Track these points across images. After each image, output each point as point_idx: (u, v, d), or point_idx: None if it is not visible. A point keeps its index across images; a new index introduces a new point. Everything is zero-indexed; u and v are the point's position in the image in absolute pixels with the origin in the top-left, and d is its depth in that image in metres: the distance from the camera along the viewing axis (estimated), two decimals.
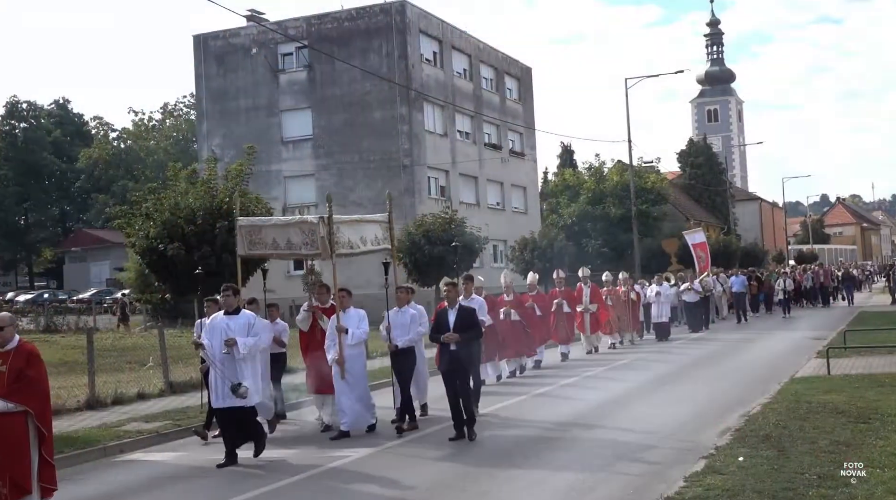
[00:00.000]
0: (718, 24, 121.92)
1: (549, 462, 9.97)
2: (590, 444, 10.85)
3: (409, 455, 10.80)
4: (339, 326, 11.88)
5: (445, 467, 10.15)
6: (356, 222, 13.22)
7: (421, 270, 28.56)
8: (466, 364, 11.37)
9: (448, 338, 11.24)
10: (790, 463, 8.50)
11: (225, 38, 42.73)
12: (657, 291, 25.96)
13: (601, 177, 51.50)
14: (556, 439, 11.32)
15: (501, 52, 49.24)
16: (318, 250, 12.06)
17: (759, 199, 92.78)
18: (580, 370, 18.28)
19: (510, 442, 11.28)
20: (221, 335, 10.60)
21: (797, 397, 12.32)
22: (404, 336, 12.19)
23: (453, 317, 11.39)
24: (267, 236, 12.61)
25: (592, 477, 9.14)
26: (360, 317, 12.13)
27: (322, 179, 40.71)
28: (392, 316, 12.35)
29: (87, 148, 63.73)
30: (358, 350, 12.15)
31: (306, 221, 12.37)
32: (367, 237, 12.91)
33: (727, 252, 55.94)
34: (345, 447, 11.23)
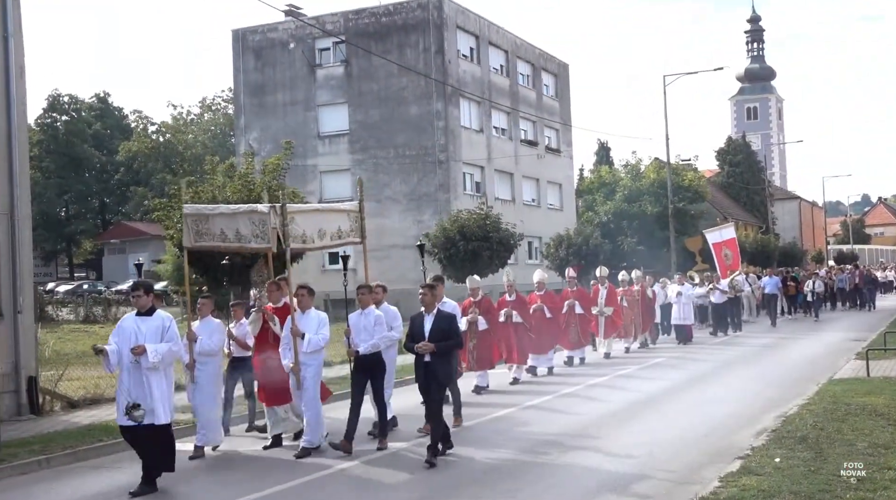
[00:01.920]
0: (759, 21, 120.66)
1: (578, 461, 9.93)
2: (622, 443, 10.74)
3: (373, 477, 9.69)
4: (294, 328, 10.63)
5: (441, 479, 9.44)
6: (315, 213, 11.90)
7: (456, 265, 28.56)
8: (442, 377, 10.20)
9: (422, 348, 10.05)
10: (827, 465, 8.40)
11: (263, 33, 43.06)
12: (678, 291, 24.70)
13: (638, 174, 51.10)
14: (589, 437, 11.22)
15: (538, 49, 49.17)
16: (269, 243, 10.76)
17: (799, 198, 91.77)
18: (609, 370, 17.98)
19: (537, 441, 11.10)
20: (130, 340, 9.22)
21: (835, 399, 12.21)
22: (367, 341, 10.81)
23: (429, 324, 10.20)
24: (214, 226, 11.23)
25: (625, 477, 9.08)
26: (320, 321, 10.85)
27: (358, 174, 40.71)
28: (353, 319, 11.04)
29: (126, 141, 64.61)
30: (314, 359, 10.84)
31: (256, 211, 10.98)
32: (326, 231, 11.40)
33: (765, 252, 55.43)
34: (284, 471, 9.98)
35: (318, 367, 10.93)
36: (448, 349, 10.25)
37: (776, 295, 31.14)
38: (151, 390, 9.13)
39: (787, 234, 78.31)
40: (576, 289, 19.81)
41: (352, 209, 11.96)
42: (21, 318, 14.23)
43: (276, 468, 10.23)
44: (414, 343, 10.16)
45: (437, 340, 10.05)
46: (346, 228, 11.68)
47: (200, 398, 11.12)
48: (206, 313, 11.50)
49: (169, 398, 9.37)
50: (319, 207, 12.89)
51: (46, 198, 62.98)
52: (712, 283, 27.09)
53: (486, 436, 11.61)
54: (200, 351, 11.07)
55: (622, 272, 23.62)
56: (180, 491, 9.43)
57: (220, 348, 11.38)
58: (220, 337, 11.31)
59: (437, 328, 10.13)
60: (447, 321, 10.32)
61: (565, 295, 19.55)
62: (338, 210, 12.13)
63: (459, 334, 10.71)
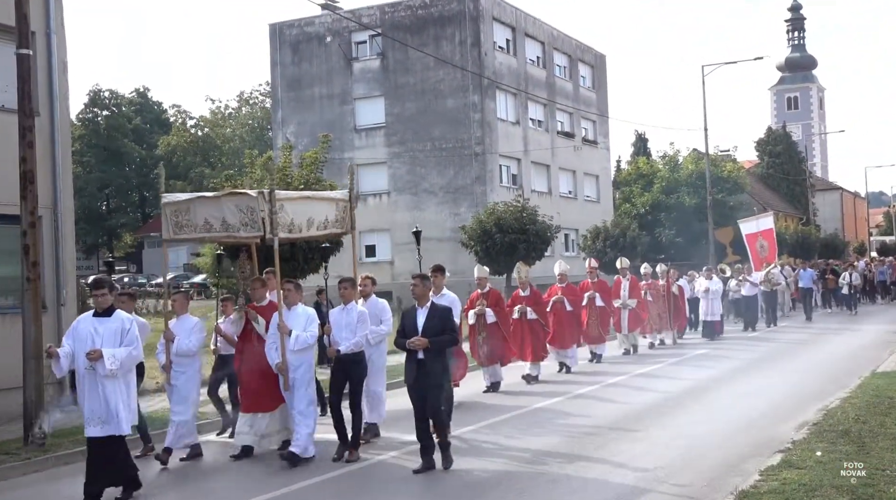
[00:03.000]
0: (800, 10, 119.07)
1: (621, 452, 9.91)
2: (663, 436, 10.73)
3: None
4: (281, 324, 10.05)
5: None
6: (305, 201, 11.17)
7: (492, 258, 28.53)
8: (438, 377, 9.37)
9: (415, 344, 9.25)
10: (870, 459, 8.35)
11: (300, 27, 43.25)
12: (706, 286, 23.92)
13: (676, 166, 50.90)
14: (628, 430, 11.19)
15: (575, 40, 48.98)
16: (260, 231, 10.14)
17: (841, 188, 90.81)
18: (633, 367, 17.61)
19: (577, 433, 11.12)
20: (86, 343, 8.46)
21: (878, 392, 12.12)
22: (349, 340, 10.21)
23: (423, 318, 9.42)
24: (197, 216, 10.48)
25: (666, 468, 9.09)
26: (308, 317, 10.32)
27: (394, 167, 41.10)
28: (335, 315, 10.48)
29: (165, 135, 65.42)
30: (304, 357, 10.26)
31: (243, 196, 10.32)
32: (315, 219, 10.91)
33: (806, 244, 54.89)
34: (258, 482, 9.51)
35: (308, 366, 10.33)
36: (442, 345, 9.43)
37: (811, 288, 30.51)
38: (107, 398, 8.39)
39: (828, 225, 77.48)
40: (596, 281, 19.17)
41: (341, 198, 11.52)
42: (64, 310, 14.46)
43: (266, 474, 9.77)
44: (405, 339, 9.37)
45: (430, 335, 9.28)
46: (333, 217, 11.21)
47: (176, 400, 10.53)
48: (182, 311, 10.82)
49: (128, 407, 8.60)
50: (309, 194, 11.96)
51: (88, 192, 63.94)
52: (742, 274, 26.38)
53: (526, 426, 11.72)
54: (177, 352, 10.47)
55: (644, 264, 23.00)
56: None
57: (199, 349, 10.65)
58: (199, 336, 10.60)
59: (430, 323, 9.38)
60: (442, 315, 9.53)
61: (585, 287, 18.95)
62: (328, 198, 11.63)
63: (456, 330, 10.00)
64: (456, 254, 34.64)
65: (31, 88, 12.03)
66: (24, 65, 11.80)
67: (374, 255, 40.87)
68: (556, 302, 17.27)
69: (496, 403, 13.78)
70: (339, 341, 10.21)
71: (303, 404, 10.16)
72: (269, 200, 9.99)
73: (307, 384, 10.28)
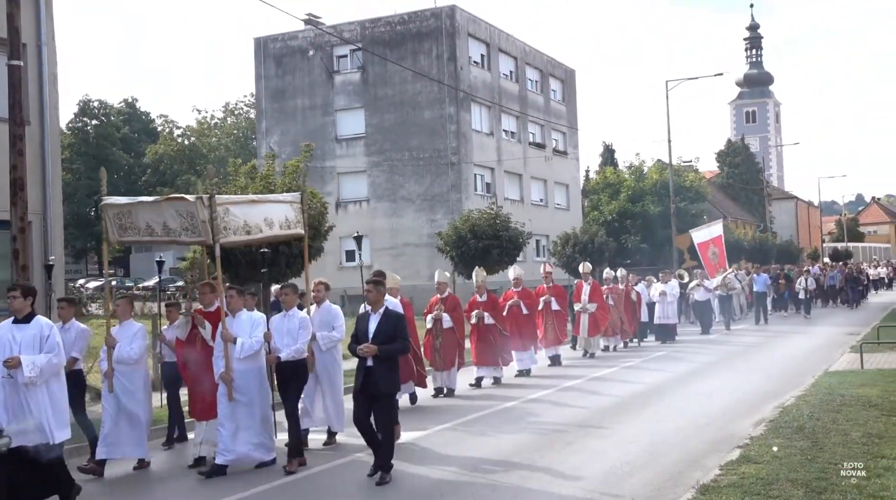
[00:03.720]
0: (758, 29, 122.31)
1: (585, 449, 10.14)
2: (629, 433, 10.92)
3: None
4: (225, 333, 9.61)
5: None
6: (255, 203, 10.83)
7: (467, 263, 28.48)
8: (384, 385, 9.00)
9: (363, 350, 8.96)
10: (823, 454, 8.59)
11: (284, 41, 44.13)
12: (662, 290, 23.80)
13: (641, 175, 52.36)
14: (594, 427, 11.41)
15: (546, 55, 50.20)
16: (201, 236, 9.72)
17: (796, 198, 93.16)
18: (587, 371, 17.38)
19: (544, 430, 11.27)
20: (4, 351, 8.06)
21: (831, 390, 12.39)
22: (290, 346, 9.96)
23: (374, 324, 9.12)
24: (139, 220, 10.08)
25: (632, 464, 9.30)
26: (253, 322, 9.83)
27: (374, 176, 42.19)
28: (276, 322, 10.20)
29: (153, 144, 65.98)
30: (252, 365, 9.73)
31: (181, 201, 9.87)
32: (274, 219, 10.66)
33: (763, 250, 56.79)
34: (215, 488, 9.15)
35: (257, 374, 9.83)
36: (392, 353, 9.12)
37: (765, 293, 30.50)
38: (30, 406, 8.01)
39: (784, 232, 79.80)
40: (551, 285, 18.89)
41: (293, 201, 11.24)
42: (53, 313, 14.01)
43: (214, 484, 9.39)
44: (357, 344, 9.11)
45: (381, 342, 9.01)
46: (293, 217, 11.07)
47: (111, 410, 9.96)
48: (125, 316, 10.35)
49: (57, 414, 8.17)
50: (255, 197, 11.45)
51: (77, 198, 64.26)
52: (698, 280, 26.60)
53: (498, 424, 11.96)
54: (118, 359, 9.98)
55: (607, 269, 22.92)
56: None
57: (142, 356, 10.15)
58: (141, 343, 10.09)
59: (382, 329, 9.07)
60: (394, 322, 9.20)
61: (540, 292, 18.70)
62: (278, 201, 11.27)
63: (407, 337, 9.54)
64: (432, 259, 35.85)
65: (21, 98, 11.94)
66: (15, 76, 11.70)
67: (355, 260, 41.94)
68: (513, 306, 17.11)
69: (467, 403, 13.85)
70: (280, 348, 9.96)
71: (251, 417, 9.71)
72: (209, 205, 9.56)
73: (257, 396, 9.81)
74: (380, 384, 8.94)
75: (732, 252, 50.04)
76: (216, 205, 9.62)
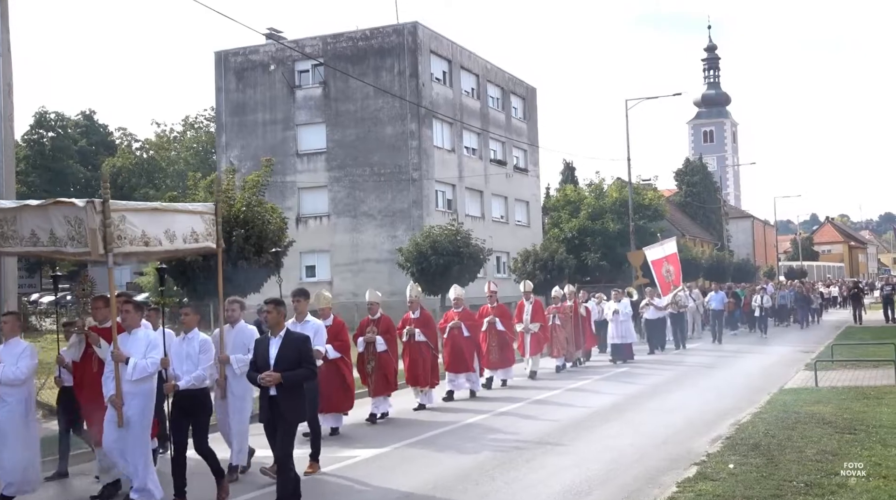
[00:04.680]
0: (715, 50, 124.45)
1: (544, 466, 10.10)
2: (587, 450, 10.94)
3: None
4: (116, 352, 8.67)
5: None
6: (157, 212, 9.71)
7: (428, 279, 29.03)
8: (290, 416, 8.31)
9: (265, 379, 8.19)
10: (778, 471, 8.66)
11: (245, 55, 44.05)
12: (615, 308, 23.20)
13: (601, 193, 52.74)
14: (553, 444, 11.40)
15: (508, 73, 50.61)
16: (87, 246, 8.57)
17: (752, 217, 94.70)
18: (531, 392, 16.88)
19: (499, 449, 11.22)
20: None
21: (786, 408, 12.52)
22: (190, 373, 9.10)
23: (275, 349, 8.35)
24: (23, 227, 8.95)
25: (586, 482, 9.31)
26: (149, 342, 8.91)
27: (335, 191, 42.15)
28: (174, 345, 9.31)
29: (111, 157, 65.23)
30: (143, 388, 8.78)
31: (70, 205, 8.70)
32: (177, 232, 9.54)
33: (720, 268, 57.53)
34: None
35: (147, 398, 8.86)
36: (296, 380, 8.32)
37: (722, 311, 29.96)
38: None
39: (741, 251, 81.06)
40: (496, 305, 18.16)
41: (205, 211, 10.13)
42: None
43: None
44: (257, 372, 8.33)
45: (284, 368, 8.24)
46: (202, 230, 9.93)
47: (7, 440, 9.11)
48: (12, 333, 9.51)
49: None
50: (158, 205, 10.45)
51: None
52: (647, 298, 26.06)
53: (457, 441, 11.90)
54: (2, 380, 9.12)
55: (555, 288, 22.26)
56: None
57: (29, 377, 9.35)
58: (29, 363, 9.25)
59: (283, 355, 8.31)
60: (297, 345, 8.42)
61: (484, 312, 18.03)
62: (186, 211, 10.16)
63: (313, 362, 8.73)
64: (393, 275, 35.93)
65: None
66: None
67: (314, 275, 41.84)
68: (453, 327, 16.44)
69: (427, 420, 13.85)
70: (180, 375, 9.10)
71: (139, 441, 8.80)
72: (102, 211, 8.48)
73: (146, 419, 8.89)
74: (284, 414, 8.23)
75: (690, 270, 50.68)
76: (110, 211, 8.54)
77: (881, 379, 15.50)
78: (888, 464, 8.75)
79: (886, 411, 11.97)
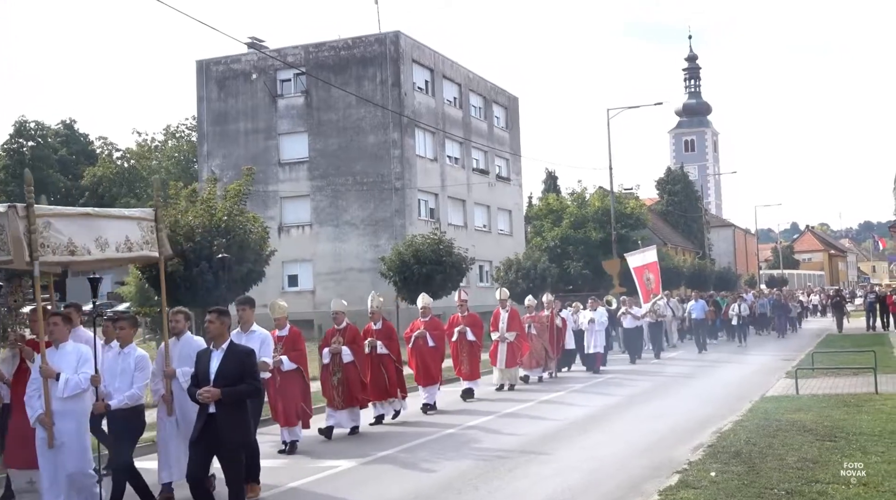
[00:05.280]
0: (696, 60, 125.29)
1: (527, 475, 10.12)
2: (570, 459, 10.96)
3: None
4: (45, 367, 8.17)
5: None
6: (88, 218, 9.06)
7: (410, 288, 29.06)
8: (234, 434, 7.66)
9: (205, 396, 7.58)
10: (760, 479, 8.70)
11: (226, 64, 43.94)
12: (591, 318, 22.84)
13: (583, 202, 52.99)
14: (536, 453, 11.41)
15: (490, 82, 50.71)
16: (9, 255, 7.99)
17: (733, 225, 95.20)
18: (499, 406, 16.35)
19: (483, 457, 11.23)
20: None
21: (767, 416, 12.61)
22: (123, 391, 8.53)
23: (216, 362, 7.75)
24: None
25: (573, 489, 9.35)
26: (80, 357, 8.34)
27: (317, 200, 42.07)
28: (108, 361, 8.72)
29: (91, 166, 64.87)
30: (76, 407, 8.25)
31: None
32: (110, 240, 8.87)
33: (701, 276, 57.79)
34: None
35: (80, 415, 8.31)
36: (238, 396, 7.68)
37: (704, 320, 29.56)
38: None
39: (722, 259, 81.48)
40: (466, 314, 17.52)
41: (144, 217, 9.53)
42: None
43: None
44: (197, 388, 7.74)
45: (225, 383, 7.60)
46: (138, 238, 9.30)
47: None
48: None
49: None
50: (91, 211, 9.69)
51: None
52: (625, 306, 25.75)
53: (440, 450, 11.89)
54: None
55: (529, 296, 21.85)
56: None
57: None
58: None
59: (225, 369, 7.68)
60: (242, 358, 7.82)
61: (454, 321, 17.46)
62: (122, 217, 9.56)
63: (257, 377, 8.07)
64: (375, 284, 35.78)
65: None
66: None
67: (297, 284, 41.73)
68: (418, 337, 15.80)
69: (408, 430, 13.75)
70: (111, 393, 8.53)
71: (74, 465, 8.19)
72: (26, 216, 7.95)
73: (80, 438, 8.32)
74: (225, 434, 7.56)
75: (672, 278, 50.99)
76: (34, 216, 7.98)
77: (861, 387, 15.61)
78: (868, 471, 8.79)
79: (866, 418, 12.06)
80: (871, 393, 14.70)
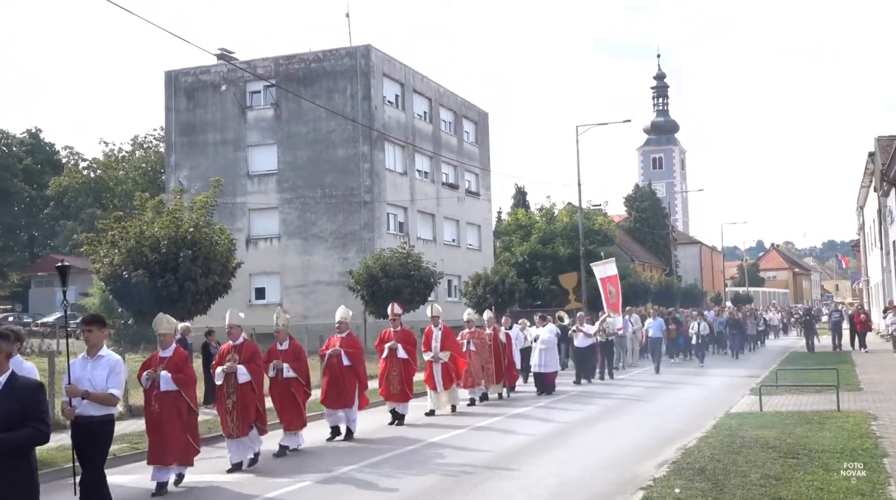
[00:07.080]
0: (664, 79, 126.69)
1: (493, 491, 10.11)
2: (536, 474, 10.96)
3: None
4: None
5: None
6: None
7: (378, 302, 28.98)
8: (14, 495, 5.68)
9: None
10: (724, 495, 8.73)
11: (195, 75, 43.71)
12: (537, 335, 21.47)
13: (552, 218, 53.26)
14: (502, 468, 11.40)
15: (460, 97, 50.90)
16: None
17: (700, 243, 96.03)
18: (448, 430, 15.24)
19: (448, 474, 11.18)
20: None
21: (731, 432, 12.66)
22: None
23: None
24: None
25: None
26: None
27: (285, 213, 41.88)
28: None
29: (57, 176, 64.18)
30: None
31: None
32: None
33: (668, 292, 58.22)
34: None
35: None
36: (16, 445, 5.67)
37: (661, 338, 28.13)
38: None
39: (688, 276, 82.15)
40: (399, 330, 16.17)
41: None
42: None
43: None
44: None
45: (5, 427, 5.64)
46: None
47: None
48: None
49: None
50: None
51: None
52: (576, 324, 24.16)
53: (406, 466, 11.78)
54: None
55: (467, 311, 20.83)
56: None
57: None
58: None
59: (5, 409, 5.70)
60: (24, 395, 5.83)
61: (385, 337, 16.25)
62: None
63: (44, 420, 5.85)
64: (343, 298, 35.70)
65: None
66: None
67: (264, 297, 41.46)
68: (332, 356, 14.37)
69: (372, 446, 13.56)
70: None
71: None
72: None
73: None
74: None
75: (639, 295, 51.35)
76: None
77: (823, 404, 15.73)
78: (830, 489, 8.84)
79: (828, 435, 12.13)
80: (834, 410, 14.80)
